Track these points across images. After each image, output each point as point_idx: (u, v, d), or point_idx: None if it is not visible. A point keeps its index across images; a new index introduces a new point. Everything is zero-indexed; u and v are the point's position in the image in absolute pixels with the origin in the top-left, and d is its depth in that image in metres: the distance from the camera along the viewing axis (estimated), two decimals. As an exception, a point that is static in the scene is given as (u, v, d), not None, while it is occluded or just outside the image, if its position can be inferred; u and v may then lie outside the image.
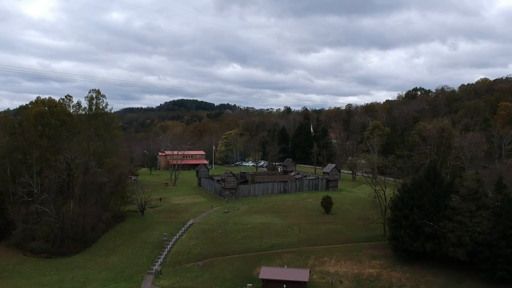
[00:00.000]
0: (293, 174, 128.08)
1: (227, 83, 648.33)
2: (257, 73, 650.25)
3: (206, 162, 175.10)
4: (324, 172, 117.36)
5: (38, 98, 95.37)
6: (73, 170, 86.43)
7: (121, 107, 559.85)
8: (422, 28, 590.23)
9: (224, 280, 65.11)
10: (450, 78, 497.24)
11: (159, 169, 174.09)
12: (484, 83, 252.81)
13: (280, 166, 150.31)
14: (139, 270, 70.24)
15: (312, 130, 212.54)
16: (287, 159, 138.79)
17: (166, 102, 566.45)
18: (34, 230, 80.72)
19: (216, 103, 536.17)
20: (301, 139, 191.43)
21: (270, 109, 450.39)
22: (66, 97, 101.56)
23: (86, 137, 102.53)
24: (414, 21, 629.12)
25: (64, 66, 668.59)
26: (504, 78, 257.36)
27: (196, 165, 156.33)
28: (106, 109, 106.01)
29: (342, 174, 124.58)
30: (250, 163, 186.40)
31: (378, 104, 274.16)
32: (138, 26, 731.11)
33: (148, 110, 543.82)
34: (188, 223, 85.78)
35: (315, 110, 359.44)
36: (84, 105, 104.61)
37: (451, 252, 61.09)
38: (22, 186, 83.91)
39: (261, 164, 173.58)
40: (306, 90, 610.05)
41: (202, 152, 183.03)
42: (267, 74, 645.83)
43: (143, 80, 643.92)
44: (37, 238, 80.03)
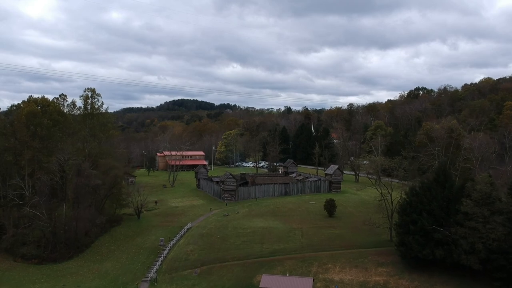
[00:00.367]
0: (294, 175, 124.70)
1: (227, 83, 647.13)
2: (257, 73, 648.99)
3: (205, 163, 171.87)
4: (326, 173, 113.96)
5: (30, 97, 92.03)
6: (66, 172, 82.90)
7: (121, 107, 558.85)
8: (422, 28, 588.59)
9: (222, 288, 61.80)
10: (451, 78, 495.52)
11: (158, 170, 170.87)
12: (487, 83, 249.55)
13: (281, 167, 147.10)
14: (134, 278, 66.78)
15: (313, 130, 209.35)
16: (288, 160, 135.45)
17: (166, 102, 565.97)
18: (25, 234, 77.20)
19: (216, 103, 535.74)
20: (302, 139, 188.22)
21: (271, 109, 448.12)
22: (60, 96, 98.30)
23: (81, 137, 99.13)
24: (414, 21, 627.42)
25: (64, 66, 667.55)
26: (508, 77, 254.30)
27: (195, 166, 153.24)
28: (102, 108, 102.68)
29: (344, 175, 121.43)
30: (251, 164, 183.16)
31: (380, 104, 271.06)
32: (137, 25, 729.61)
33: (148, 110, 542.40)
34: (185, 227, 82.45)
35: (316, 110, 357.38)
36: (79, 104, 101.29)
37: (463, 259, 57.63)
38: (13, 188, 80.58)
39: (261, 164, 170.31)
40: (306, 90, 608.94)
41: (201, 152, 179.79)
42: (267, 74, 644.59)
43: (143, 80, 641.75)
44: (28, 243, 76.44)
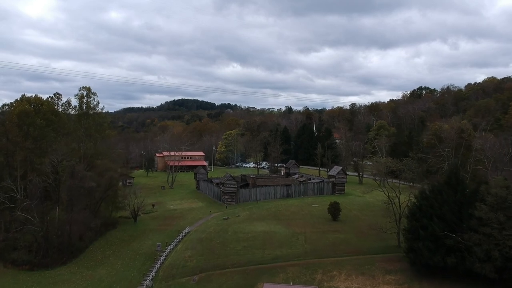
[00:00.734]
0: (296, 176, 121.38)
1: (228, 83, 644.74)
2: (257, 72, 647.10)
3: (205, 164, 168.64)
4: (329, 175, 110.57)
5: (23, 96, 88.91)
6: (60, 173, 79.68)
7: (121, 107, 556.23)
8: (422, 27, 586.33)
9: (222, 298, 58.50)
10: (451, 78, 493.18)
11: (157, 170, 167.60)
12: (491, 82, 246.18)
13: (282, 167, 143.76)
14: (129, 286, 63.38)
15: (315, 130, 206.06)
16: (290, 161, 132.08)
17: (166, 102, 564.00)
18: (16, 239, 74.02)
19: (217, 103, 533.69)
20: (304, 140, 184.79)
21: (271, 108, 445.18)
22: (54, 95, 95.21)
23: (76, 137, 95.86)
24: (414, 20, 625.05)
25: (64, 65, 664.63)
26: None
27: (195, 166, 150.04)
28: (98, 107, 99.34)
29: (347, 177, 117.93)
30: (251, 165, 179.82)
31: (382, 103, 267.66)
32: (137, 25, 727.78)
33: (148, 109, 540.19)
34: (184, 232, 79.16)
35: (317, 110, 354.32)
36: (74, 103, 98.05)
37: (477, 268, 54.22)
38: (4, 191, 77.37)
39: (262, 165, 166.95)
40: (306, 90, 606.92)
41: (201, 153, 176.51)
42: (267, 74, 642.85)
43: (143, 79, 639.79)
44: (19, 248, 73.17)
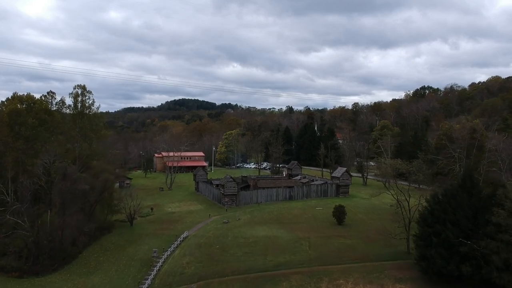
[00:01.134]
0: (299, 178, 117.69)
1: (228, 83, 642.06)
2: (257, 72, 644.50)
3: (205, 164, 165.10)
4: (333, 176, 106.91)
5: (14, 94, 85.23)
6: (52, 175, 76.07)
7: (122, 107, 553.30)
8: (423, 27, 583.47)
9: (221, 308, 54.93)
10: (452, 78, 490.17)
11: (155, 171, 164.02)
12: (496, 81, 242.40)
13: (284, 168, 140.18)
14: (123, 295, 60.03)
15: (316, 130, 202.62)
16: (293, 162, 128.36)
17: (167, 102, 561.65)
18: (6, 244, 70.46)
19: (217, 103, 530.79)
20: (306, 140, 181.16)
21: (272, 108, 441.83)
22: (48, 93, 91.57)
23: (71, 138, 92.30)
24: (414, 20, 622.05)
25: (64, 65, 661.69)
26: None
27: (194, 167, 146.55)
28: (93, 106, 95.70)
29: (351, 178, 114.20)
30: (252, 165, 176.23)
31: (385, 103, 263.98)
32: (136, 25, 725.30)
33: (149, 109, 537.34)
34: (182, 236, 75.50)
35: (318, 110, 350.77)
36: (68, 102, 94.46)
37: (495, 277, 50.50)
38: (-6, 194, 73.84)
39: (264, 166, 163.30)
40: (307, 90, 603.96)
41: (201, 153, 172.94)
42: (268, 74, 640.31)
43: (143, 79, 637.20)
44: (8, 254, 69.69)
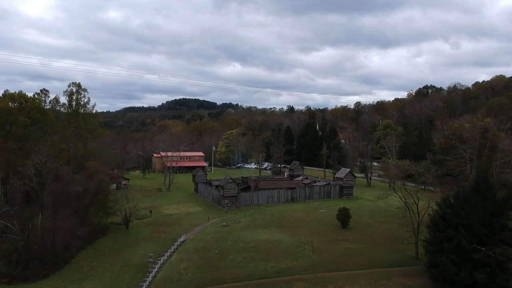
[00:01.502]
0: (301, 178, 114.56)
1: (228, 82, 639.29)
2: (258, 72, 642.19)
3: (205, 164, 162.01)
4: (337, 177, 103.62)
5: (5, 92, 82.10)
6: (44, 176, 72.88)
7: (122, 106, 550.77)
8: (423, 26, 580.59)
9: (220, 318, 51.70)
10: (453, 77, 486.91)
11: (154, 172, 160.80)
12: (500, 80, 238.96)
13: (286, 169, 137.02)
14: (116, 303, 56.83)
15: (318, 130, 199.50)
16: (294, 162, 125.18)
17: (168, 101, 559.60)
18: (-5, 249, 67.42)
19: (218, 102, 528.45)
20: (307, 140, 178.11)
21: (273, 108, 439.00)
22: (41, 91, 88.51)
23: (65, 137, 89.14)
24: (415, 19, 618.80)
25: (64, 65, 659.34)
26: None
27: (194, 167, 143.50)
28: (88, 105, 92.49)
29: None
30: (253, 166, 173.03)
31: (388, 102, 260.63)
32: (136, 24, 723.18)
33: (149, 109, 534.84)
34: (179, 240, 72.23)
35: (319, 109, 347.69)
36: (63, 100, 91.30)
37: (512, 286, 47.38)
38: (-17, 196, 70.91)
39: (264, 166, 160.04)
40: (308, 89, 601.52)
41: (200, 153, 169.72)
42: (268, 73, 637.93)
43: (143, 79, 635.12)
44: (-3, 259, 66.61)
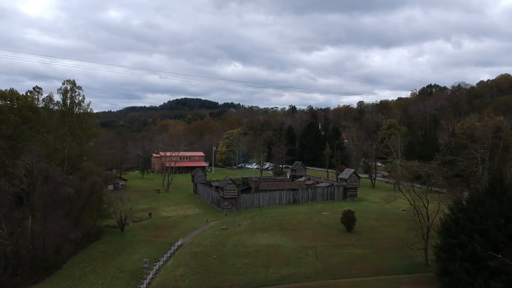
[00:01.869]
0: (303, 179, 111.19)
1: (230, 82, 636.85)
2: (259, 71, 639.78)
3: (205, 165, 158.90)
4: (341, 178, 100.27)
5: (-4, 89, 78.99)
6: (36, 176, 69.69)
7: (124, 106, 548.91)
8: (425, 26, 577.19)
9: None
10: (455, 77, 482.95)
11: (153, 172, 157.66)
12: (506, 79, 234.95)
13: (288, 169, 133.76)
14: (108, 312, 53.60)
15: (321, 129, 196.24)
16: (296, 162, 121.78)
17: (169, 101, 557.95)
18: (-18, 254, 64.17)
19: (220, 102, 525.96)
20: (310, 139, 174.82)
21: (275, 108, 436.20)
22: (34, 89, 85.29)
23: (59, 136, 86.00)
24: (417, 18, 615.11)
25: (65, 64, 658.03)
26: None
27: (194, 167, 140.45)
28: (83, 103, 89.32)
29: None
30: (254, 166, 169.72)
31: (391, 102, 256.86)
32: (136, 24, 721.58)
33: (151, 109, 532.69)
34: (176, 244, 68.97)
35: (321, 109, 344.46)
36: (57, 99, 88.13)
37: (531, 297, 43.93)
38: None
39: (266, 166, 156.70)
40: (309, 89, 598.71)
41: (201, 153, 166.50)
42: (269, 73, 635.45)
43: (145, 78, 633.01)
44: (-15, 265, 63.41)
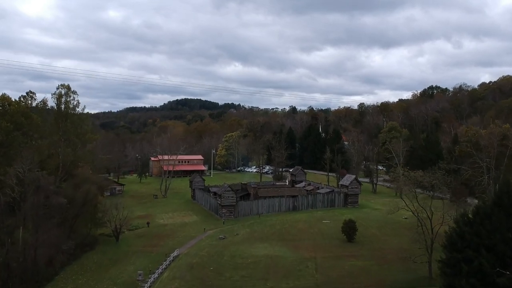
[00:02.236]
0: (303, 185, 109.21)
1: (230, 82, 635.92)
2: (259, 72, 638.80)
3: (204, 168, 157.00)
4: (341, 184, 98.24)
5: (-13, 95, 77.02)
6: (27, 185, 67.69)
7: (124, 106, 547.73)
8: (425, 25, 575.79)
9: None
10: (456, 77, 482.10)
11: (151, 176, 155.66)
12: (508, 81, 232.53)
13: (287, 172, 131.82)
14: (99, 329, 51.61)
15: (321, 131, 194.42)
16: (296, 167, 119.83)
17: (169, 102, 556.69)
18: (-28, 266, 62.16)
19: (220, 103, 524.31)
20: (310, 142, 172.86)
21: (275, 108, 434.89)
22: (27, 93, 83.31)
23: (53, 142, 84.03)
24: (417, 18, 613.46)
25: (65, 64, 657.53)
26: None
27: (192, 171, 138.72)
28: (78, 108, 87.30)
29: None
30: (254, 169, 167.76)
31: (393, 103, 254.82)
32: (136, 24, 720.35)
33: (151, 109, 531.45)
34: (172, 255, 66.92)
35: (322, 110, 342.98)
36: (51, 103, 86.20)
37: (542, 317, 41.86)
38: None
39: (265, 170, 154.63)
40: (309, 89, 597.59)
41: (199, 156, 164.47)
42: (269, 73, 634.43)
43: (145, 78, 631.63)
44: (-26, 277, 61.39)
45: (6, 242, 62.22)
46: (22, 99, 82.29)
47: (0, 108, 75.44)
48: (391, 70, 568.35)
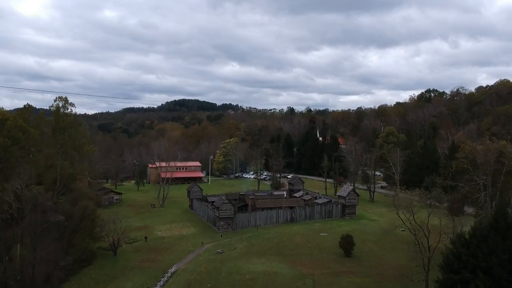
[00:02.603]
0: (301, 194, 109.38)
1: (227, 82, 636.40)
2: (256, 72, 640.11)
3: (202, 175, 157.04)
4: (339, 195, 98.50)
5: (-16, 110, 76.72)
6: (25, 201, 67.65)
7: (122, 107, 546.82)
8: (422, 25, 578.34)
9: None
10: (452, 77, 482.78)
11: (149, 183, 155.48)
12: (505, 86, 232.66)
13: (285, 178, 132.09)
14: None
15: (318, 135, 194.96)
16: (294, 176, 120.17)
17: (167, 102, 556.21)
18: (-31, 284, 62.13)
19: (218, 103, 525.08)
20: (308, 148, 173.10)
21: (273, 109, 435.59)
22: (25, 107, 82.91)
23: (51, 155, 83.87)
24: (414, 18, 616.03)
25: (62, 64, 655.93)
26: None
27: (190, 178, 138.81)
28: (75, 121, 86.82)
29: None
30: (252, 175, 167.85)
31: (390, 107, 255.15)
32: (132, 24, 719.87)
33: (149, 110, 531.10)
34: (170, 271, 66.95)
35: (320, 111, 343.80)
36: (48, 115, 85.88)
37: None
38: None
39: (263, 176, 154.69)
40: (307, 89, 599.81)
41: (197, 163, 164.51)
42: (267, 73, 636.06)
43: (142, 78, 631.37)
44: (-28, 295, 61.37)
45: (3, 260, 62.32)
46: (19, 114, 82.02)
47: (-3, 123, 75.35)
48: (388, 70, 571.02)
